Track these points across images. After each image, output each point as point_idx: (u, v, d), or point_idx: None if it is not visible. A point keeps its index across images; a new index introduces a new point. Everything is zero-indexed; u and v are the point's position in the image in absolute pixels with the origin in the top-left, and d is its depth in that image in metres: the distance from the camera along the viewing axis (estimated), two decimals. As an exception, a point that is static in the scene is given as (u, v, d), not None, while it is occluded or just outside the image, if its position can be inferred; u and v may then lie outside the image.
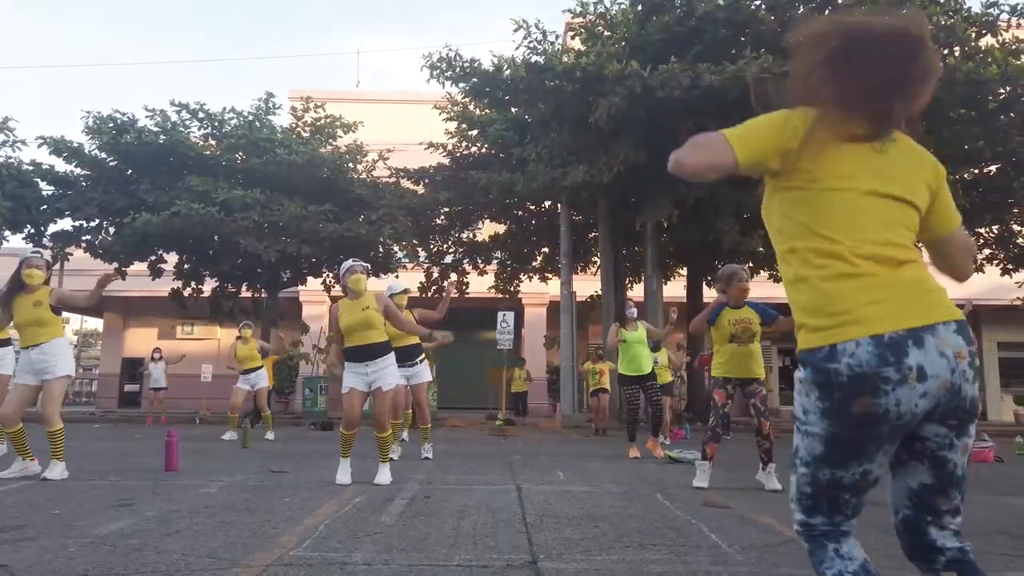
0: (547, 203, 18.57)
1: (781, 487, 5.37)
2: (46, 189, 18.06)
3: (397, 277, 19.19)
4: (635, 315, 8.41)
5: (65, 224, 18.76)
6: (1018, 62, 12.03)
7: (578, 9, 14.42)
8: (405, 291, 7.73)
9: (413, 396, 7.60)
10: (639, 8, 13.73)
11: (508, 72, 13.40)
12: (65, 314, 29.80)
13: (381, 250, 18.69)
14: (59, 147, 17.28)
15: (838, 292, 1.54)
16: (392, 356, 5.92)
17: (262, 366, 10.80)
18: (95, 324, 44.33)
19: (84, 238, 18.46)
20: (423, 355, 7.64)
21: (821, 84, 1.64)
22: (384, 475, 5.59)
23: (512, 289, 20.38)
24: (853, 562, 1.59)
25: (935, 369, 1.46)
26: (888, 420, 1.47)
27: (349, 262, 5.93)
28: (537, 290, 21.83)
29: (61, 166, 17.97)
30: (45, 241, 18.44)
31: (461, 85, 14.40)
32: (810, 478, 1.67)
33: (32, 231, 18.16)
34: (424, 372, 7.57)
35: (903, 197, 1.62)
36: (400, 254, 19.53)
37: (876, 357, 1.46)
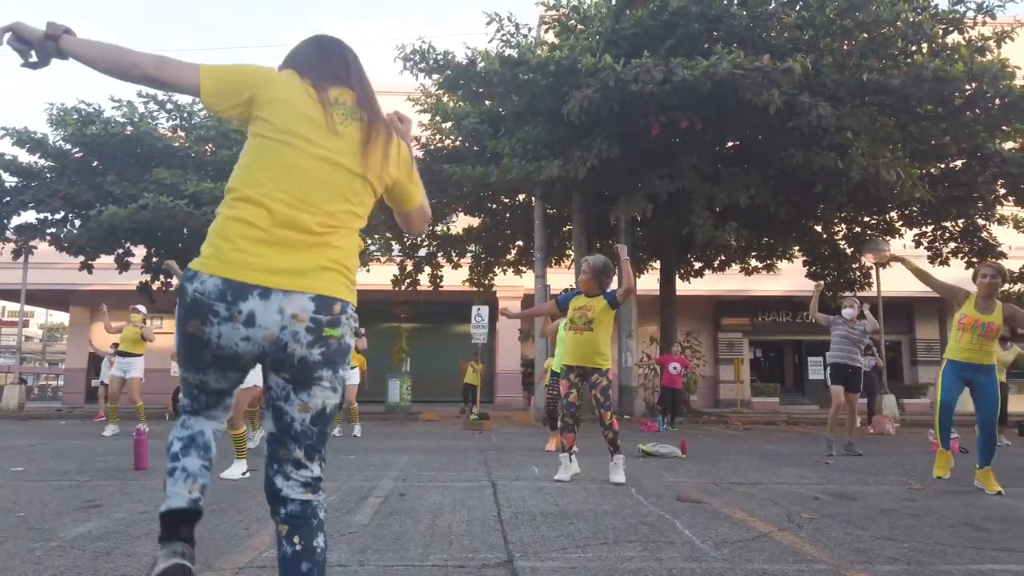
0: (521, 196, 18.56)
1: (624, 480, 5.41)
2: (9, 181, 17.64)
3: (368, 271, 19.09)
4: None
5: (29, 216, 18.36)
6: (984, 59, 12.22)
7: (551, 2, 14.39)
8: None
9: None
10: (613, 2, 13.74)
11: (482, 65, 13.33)
12: (29, 307, 28.87)
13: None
14: (22, 138, 16.87)
15: (227, 231, 1.75)
16: None
17: (140, 354, 10.33)
18: (61, 318, 43.53)
19: (49, 231, 18.07)
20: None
21: None
22: (236, 469, 5.70)
23: (486, 282, 20.36)
24: (185, 430, 1.87)
25: (265, 321, 1.70)
26: (209, 346, 1.73)
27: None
28: (511, 283, 21.84)
29: (24, 157, 17.55)
30: (8, 234, 18.03)
31: (435, 77, 14.30)
32: (181, 371, 1.91)
33: (-5, 223, 17.75)
34: (253, 376, 7.43)
35: (353, 170, 1.87)
36: (373, 247, 19.40)
37: (217, 292, 1.70)
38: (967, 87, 12.21)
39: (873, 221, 17.87)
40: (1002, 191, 15.63)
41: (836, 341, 8.46)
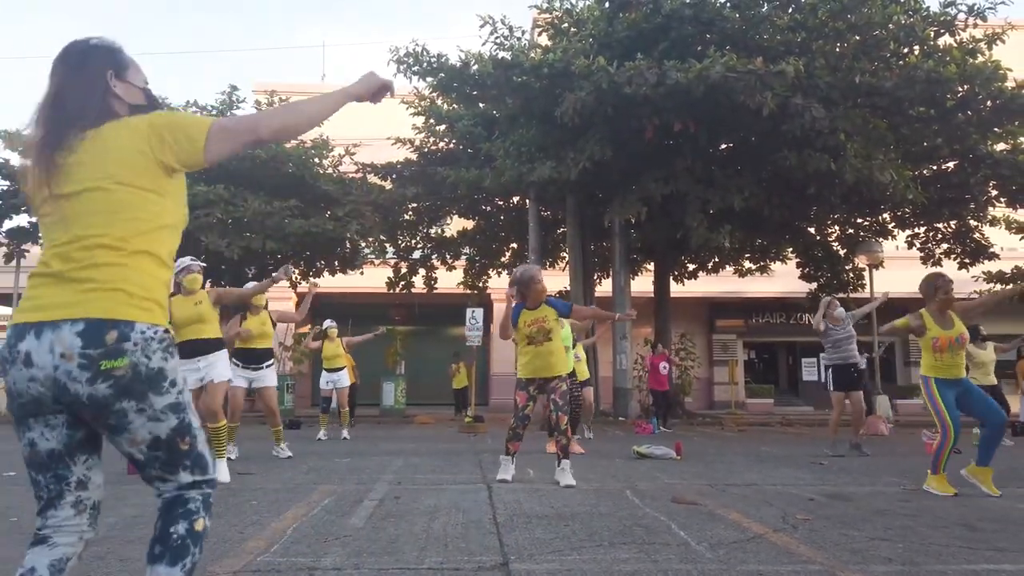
0: (516, 199, 18.57)
1: (575, 483, 5.40)
2: (1, 184, 17.57)
3: (362, 274, 19.06)
4: None
5: (21, 220, 18.27)
6: (975, 61, 12.29)
7: (544, 5, 14.42)
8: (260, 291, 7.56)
9: (262, 400, 7.50)
10: (606, 5, 13.77)
11: (476, 68, 13.34)
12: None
13: (348, 246, 18.53)
14: (14, 141, 16.80)
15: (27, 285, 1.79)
16: (224, 352, 6.13)
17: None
18: (53, 322, 43.41)
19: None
20: (272, 359, 7.55)
21: None
22: (222, 473, 5.62)
23: (481, 285, 20.35)
24: (21, 569, 1.76)
25: (40, 360, 1.65)
26: (12, 395, 1.71)
27: (186, 260, 6.05)
28: (506, 285, 21.80)
29: (16, 160, 17.49)
30: (0, 238, 17.94)
31: (428, 80, 14.31)
32: None
33: (-13, 227, 17.68)
34: (268, 377, 7.37)
35: (79, 190, 1.77)
36: (367, 250, 19.39)
37: (6, 340, 1.71)
38: (959, 89, 12.27)
39: (866, 223, 17.94)
40: (994, 192, 15.70)
41: (840, 342, 8.48)
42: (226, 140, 1.83)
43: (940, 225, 17.26)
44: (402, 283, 19.80)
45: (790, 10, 12.95)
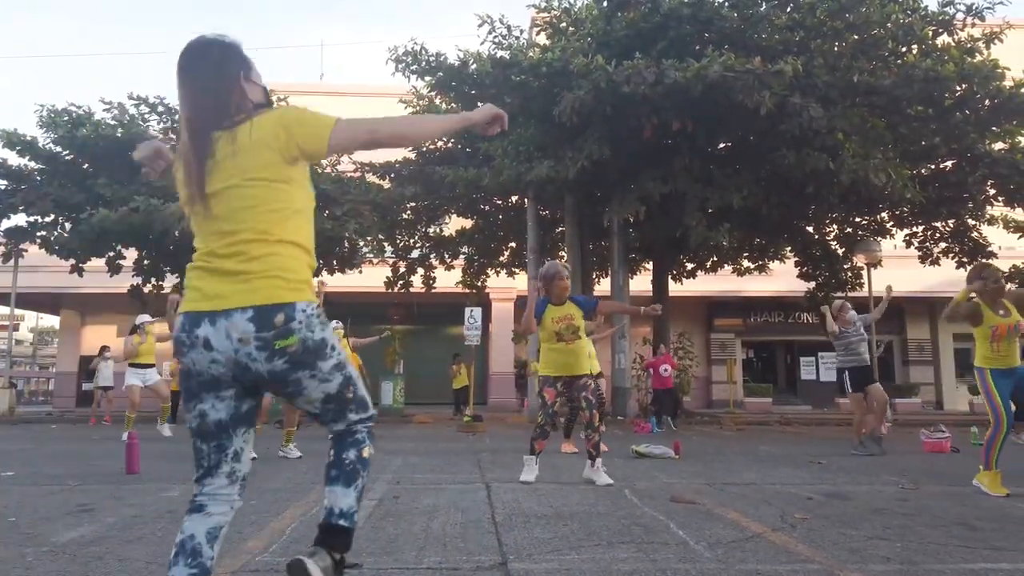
0: (514, 198, 18.56)
1: (612, 481, 5.40)
2: (-1, 183, 17.54)
3: (361, 273, 19.03)
4: None
5: (19, 219, 18.25)
6: (973, 60, 12.29)
7: (543, 4, 14.41)
8: None
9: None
10: (604, 4, 13.76)
11: (474, 67, 13.33)
12: (19, 311, 28.63)
13: (347, 245, 18.51)
14: (12, 141, 16.77)
15: (187, 278, 1.99)
16: None
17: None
18: (52, 321, 43.27)
19: (39, 234, 17.94)
20: None
21: None
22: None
23: (479, 284, 20.35)
24: (181, 535, 1.95)
25: (221, 346, 1.87)
26: (190, 373, 1.93)
27: None
28: (504, 285, 21.83)
29: (14, 160, 17.44)
30: (-2, 236, 17.92)
31: (427, 79, 14.30)
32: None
33: (-16, 226, 17.64)
34: None
35: (222, 188, 1.94)
36: (366, 249, 19.36)
37: (180, 326, 1.92)
38: (957, 88, 12.28)
39: (864, 222, 17.94)
40: (992, 191, 15.71)
41: (853, 344, 8.52)
42: (348, 136, 1.98)
43: (938, 224, 17.27)
44: (400, 282, 19.78)
45: (788, 9, 12.96)
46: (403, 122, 2.08)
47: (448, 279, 20.02)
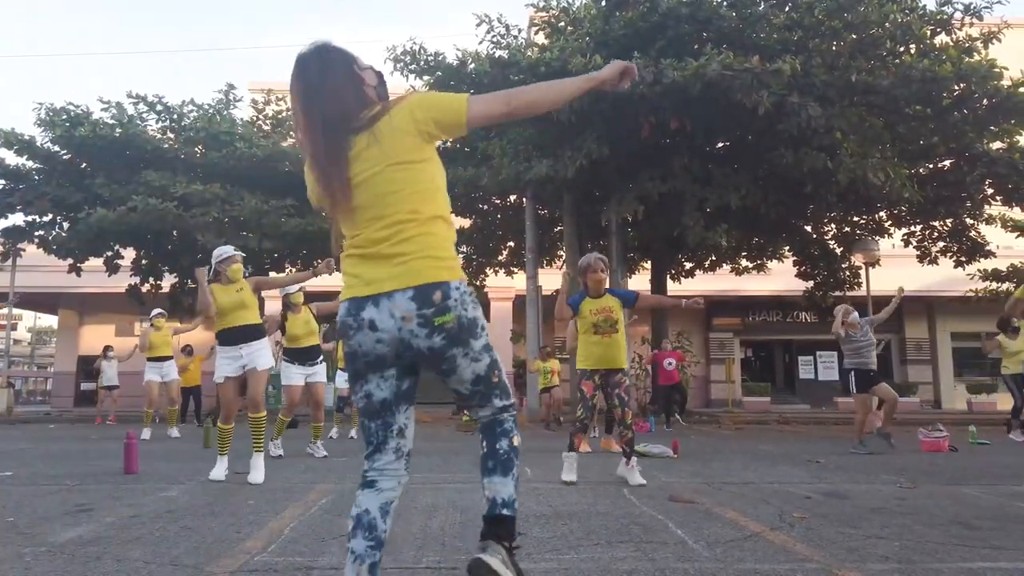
0: (513, 197, 18.55)
1: (645, 481, 5.39)
2: (-4, 183, 17.52)
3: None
4: None
5: (17, 219, 18.25)
6: (971, 60, 12.30)
7: (541, 4, 14.40)
8: (300, 289, 7.67)
9: (312, 395, 7.64)
10: (603, 3, 13.76)
11: (473, 66, 13.32)
12: (17, 310, 28.63)
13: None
14: (10, 140, 16.75)
15: (343, 266, 2.13)
16: (266, 339, 6.02)
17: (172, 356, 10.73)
18: (50, 321, 43.19)
19: (37, 233, 17.94)
20: (322, 355, 7.75)
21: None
22: (257, 472, 5.56)
23: (478, 283, 20.34)
24: (356, 508, 2.08)
25: (385, 325, 1.99)
26: (356, 355, 2.06)
27: (229, 250, 5.97)
28: (503, 284, 21.84)
29: (12, 159, 17.44)
30: (-4, 236, 17.91)
31: (425, 78, 14.28)
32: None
33: (-18, 225, 17.63)
34: (322, 373, 7.64)
35: (367, 177, 2.04)
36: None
37: (344, 311, 2.05)
38: (955, 87, 12.28)
39: (862, 221, 17.95)
40: (990, 191, 15.72)
41: (861, 348, 8.54)
42: (484, 109, 2.06)
43: (936, 223, 17.28)
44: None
45: (787, 9, 12.95)
46: (535, 90, 2.12)
47: (447, 278, 19.97)
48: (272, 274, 18.17)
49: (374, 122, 2.03)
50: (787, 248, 18.39)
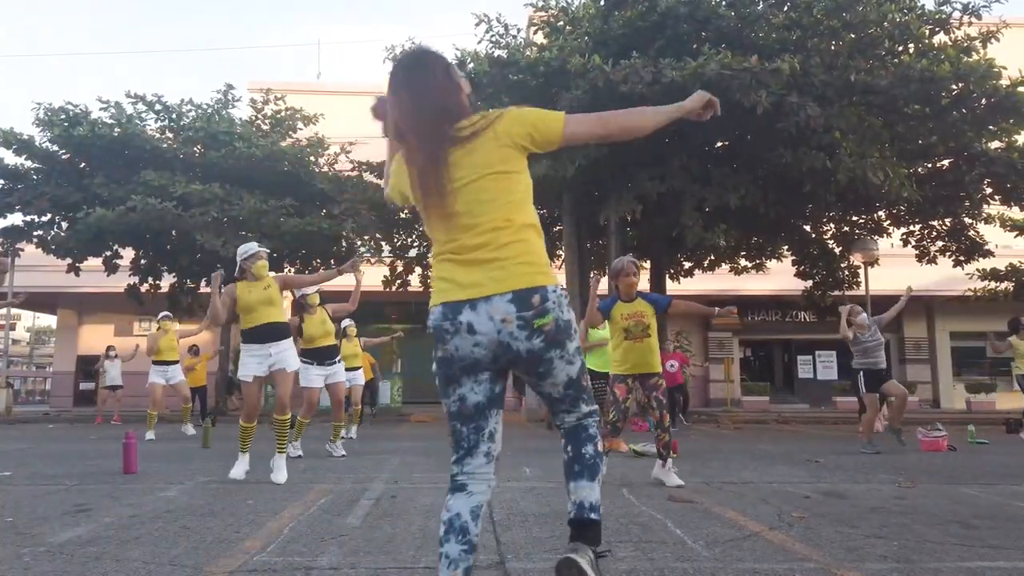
0: (511, 197, 18.53)
1: (683, 483, 5.39)
2: (-6, 183, 17.49)
3: (363, 273, 18.98)
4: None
5: (15, 219, 18.23)
6: (970, 59, 12.30)
7: (540, 3, 14.39)
8: (317, 291, 7.69)
9: (332, 395, 7.63)
10: (601, 3, 13.75)
11: (472, 66, 13.31)
12: (16, 310, 28.63)
13: (344, 244, 18.50)
14: (8, 139, 16.73)
15: (435, 272, 2.15)
16: (291, 341, 5.99)
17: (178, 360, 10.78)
18: (48, 321, 43.15)
19: (36, 233, 17.92)
20: (340, 355, 7.76)
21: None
22: (280, 472, 5.53)
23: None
24: (447, 513, 2.06)
25: (483, 328, 2.00)
26: (452, 359, 2.06)
27: (254, 247, 5.91)
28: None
29: (11, 159, 17.41)
30: (-5, 236, 17.88)
31: (424, 78, 14.26)
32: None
33: (-19, 226, 17.61)
34: (341, 372, 7.65)
35: (463, 184, 2.07)
36: (363, 248, 19.35)
37: (440, 316, 2.06)
38: (954, 87, 12.28)
39: (861, 220, 17.96)
40: (989, 190, 15.73)
41: (870, 349, 8.53)
42: (580, 128, 2.16)
43: (935, 223, 17.29)
44: (398, 281, 19.77)
45: (785, 8, 12.94)
46: (629, 115, 2.21)
47: (446, 278, 19.94)
48: (289, 270, 18.19)
49: (477, 136, 2.08)
50: (786, 248, 18.39)
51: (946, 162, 15.53)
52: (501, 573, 2.95)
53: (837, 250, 18.55)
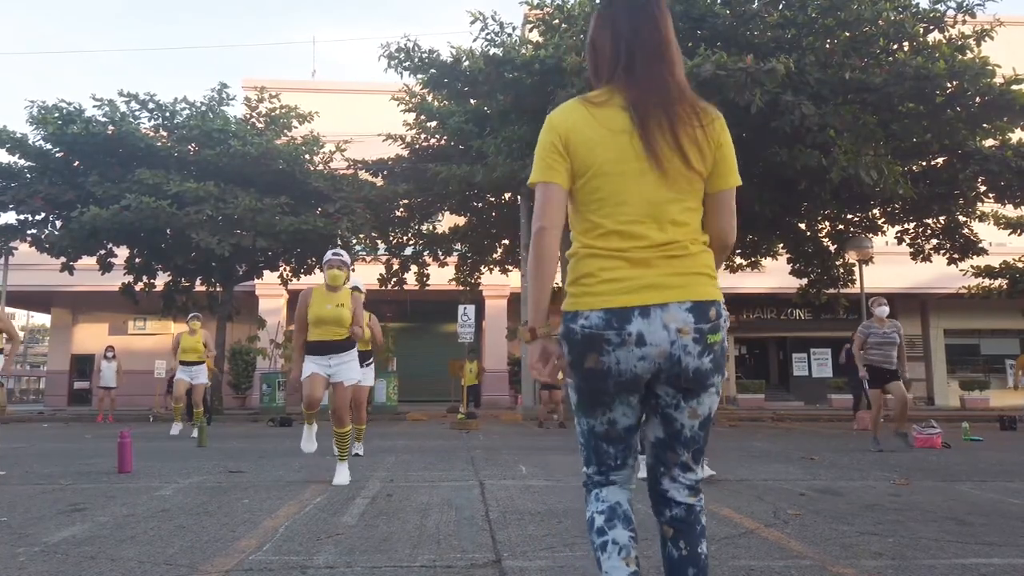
0: (507, 195, 18.55)
1: (715, 471, 5.41)
2: (-12, 182, 17.42)
3: (354, 271, 18.98)
4: None
5: (9, 217, 18.17)
6: (964, 57, 12.33)
7: (535, 1, 14.39)
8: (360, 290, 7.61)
9: (355, 396, 7.58)
10: (596, 1, 13.74)
11: (467, 64, 13.30)
12: (10, 309, 28.44)
13: (339, 243, 18.46)
14: (1, 138, 16.66)
15: (586, 268, 1.82)
16: (355, 352, 5.88)
17: (203, 360, 10.76)
18: (43, 320, 43.03)
19: (29, 232, 17.85)
20: (372, 358, 7.66)
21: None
22: (343, 475, 5.52)
23: (473, 281, 20.34)
24: (602, 503, 1.85)
25: (655, 338, 1.73)
26: (611, 375, 1.76)
27: (328, 254, 5.83)
28: (498, 282, 21.84)
29: (4, 157, 17.34)
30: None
31: (419, 76, 14.26)
32: (579, 428, 1.92)
33: (-27, 224, 17.53)
34: (371, 376, 7.59)
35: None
36: (359, 247, 19.33)
37: (603, 322, 1.75)
38: (948, 85, 12.31)
39: (856, 218, 18.00)
40: (983, 188, 15.79)
41: (881, 342, 8.52)
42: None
43: (929, 221, 17.34)
44: (394, 280, 19.77)
45: (780, 6, 12.96)
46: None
47: (441, 276, 20.00)
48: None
49: (705, 124, 1.88)
50: (781, 245, 18.42)
51: (940, 160, 15.57)
52: (497, 571, 2.95)
53: (832, 248, 18.60)
